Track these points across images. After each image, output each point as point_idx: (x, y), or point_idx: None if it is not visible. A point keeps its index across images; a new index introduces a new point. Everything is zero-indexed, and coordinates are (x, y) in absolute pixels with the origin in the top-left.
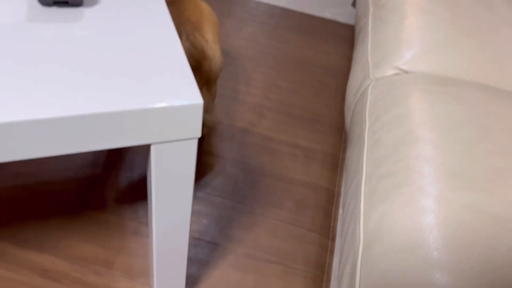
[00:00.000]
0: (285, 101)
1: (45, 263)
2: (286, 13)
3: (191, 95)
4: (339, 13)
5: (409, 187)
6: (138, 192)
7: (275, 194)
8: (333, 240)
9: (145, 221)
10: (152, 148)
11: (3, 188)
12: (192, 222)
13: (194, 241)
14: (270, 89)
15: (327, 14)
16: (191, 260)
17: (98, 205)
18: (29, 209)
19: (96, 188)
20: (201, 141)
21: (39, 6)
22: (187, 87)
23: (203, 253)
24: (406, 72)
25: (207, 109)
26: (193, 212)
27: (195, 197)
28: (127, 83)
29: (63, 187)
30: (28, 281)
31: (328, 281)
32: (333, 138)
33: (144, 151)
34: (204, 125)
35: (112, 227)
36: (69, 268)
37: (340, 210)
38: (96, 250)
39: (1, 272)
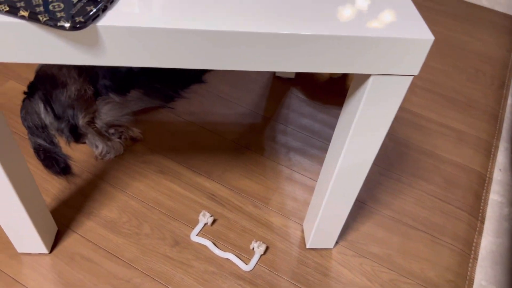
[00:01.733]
0: (436, 82)
1: (212, 189)
2: None
3: (421, 31)
4: (498, 2)
5: None
6: (291, 143)
7: (423, 168)
8: (482, 222)
9: (297, 170)
10: (370, 80)
11: (179, 122)
12: None
13: None
14: (422, 68)
15: (484, 2)
16: None
17: (256, 148)
18: (199, 142)
19: (255, 134)
20: None
21: None
22: (416, 23)
23: (351, 209)
24: None
25: None
26: None
27: None
28: (361, 12)
29: (226, 128)
30: (199, 200)
31: (475, 259)
32: (488, 125)
33: (297, 107)
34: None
35: (268, 169)
36: (232, 196)
37: None
38: (254, 186)
39: (177, 189)
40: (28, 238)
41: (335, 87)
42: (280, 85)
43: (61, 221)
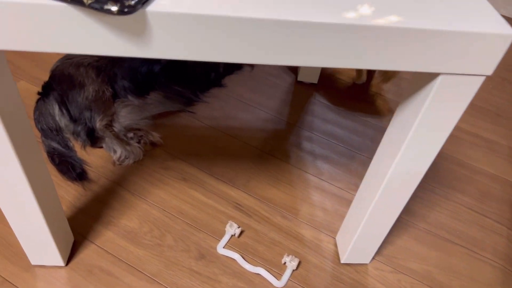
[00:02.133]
0: None
1: (237, 198)
2: None
3: (499, 25)
4: None
5: None
6: (316, 150)
7: (457, 179)
8: None
9: (325, 179)
10: (439, 79)
11: (200, 126)
12: None
13: None
14: None
15: (503, 11)
16: None
17: (281, 156)
18: (221, 148)
19: (279, 140)
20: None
21: None
22: (492, 17)
23: None
24: None
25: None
26: None
27: None
28: (432, 4)
29: (249, 134)
30: (224, 210)
31: None
32: None
33: (321, 113)
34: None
35: (295, 178)
36: (258, 206)
37: None
38: (282, 195)
39: (201, 198)
40: (44, 249)
41: (358, 93)
42: (302, 90)
43: (77, 230)
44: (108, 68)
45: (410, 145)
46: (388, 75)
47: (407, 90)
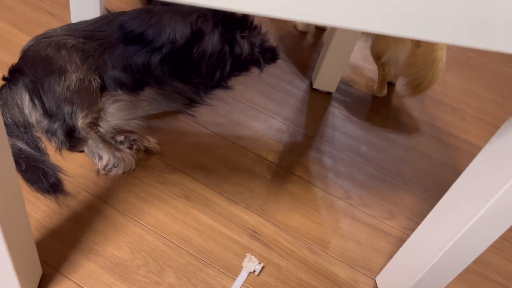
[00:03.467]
0: (486, 111)
1: (253, 224)
2: None
3: None
4: None
5: None
6: (340, 169)
7: None
8: None
9: (355, 204)
10: None
11: (204, 133)
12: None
13: None
14: (468, 95)
15: None
16: None
17: (301, 173)
18: (230, 161)
19: (297, 155)
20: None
21: None
22: None
23: None
24: None
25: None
26: None
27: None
28: None
29: (262, 146)
30: (238, 239)
31: None
32: None
33: (341, 125)
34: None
35: (320, 202)
36: (280, 235)
37: None
38: (307, 223)
39: (209, 222)
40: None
41: (379, 106)
42: (318, 99)
43: (47, 261)
44: (96, 53)
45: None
46: (419, 88)
47: None
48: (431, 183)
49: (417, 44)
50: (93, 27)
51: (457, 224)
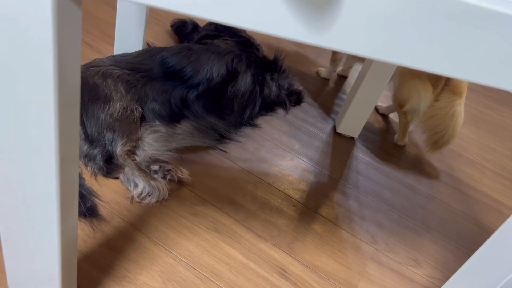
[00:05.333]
0: (503, 165)
1: (282, 262)
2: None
3: None
4: None
5: None
6: (365, 213)
7: None
8: None
9: (381, 250)
10: None
11: (233, 168)
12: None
13: None
14: (484, 149)
15: None
16: None
17: (328, 214)
18: (259, 197)
19: (323, 196)
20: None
21: None
22: None
23: None
24: None
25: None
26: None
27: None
28: None
29: (289, 185)
30: (267, 276)
31: None
32: None
33: (365, 170)
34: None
35: (347, 245)
36: (308, 276)
37: None
38: (334, 265)
39: (238, 257)
40: None
41: (400, 153)
42: (342, 143)
43: (81, 285)
44: (139, 85)
45: None
46: (440, 143)
47: None
48: (453, 233)
49: (436, 97)
50: (137, 59)
51: (495, 279)
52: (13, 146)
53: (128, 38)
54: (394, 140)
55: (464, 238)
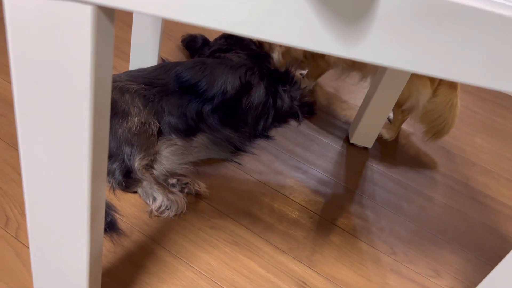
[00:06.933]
0: None
1: (302, 274)
2: (499, 93)
3: None
4: None
5: None
6: (383, 224)
7: None
8: None
9: (400, 261)
10: None
11: (249, 181)
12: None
13: None
14: (498, 158)
15: None
16: None
17: (345, 226)
18: (276, 210)
19: (339, 207)
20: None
21: None
22: None
23: None
24: None
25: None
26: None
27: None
28: None
29: (305, 196)
30: None
31: None
32: None
33: (380, 181)
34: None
35: (366, 256)
36: None
37: None
38: (354, 277)
39: (258, 270)
40: None
41: (413, 163)
42: (355, 154)
43: None
44: (156, 99)
45: None
46: (441, 133)
47: None
48: (472, 243)
49: (434, 93)
50: (153, 74)
51: None
52: (48, 163)
53: (144, 54)
54: (384, 137)
55: (482, 248)
